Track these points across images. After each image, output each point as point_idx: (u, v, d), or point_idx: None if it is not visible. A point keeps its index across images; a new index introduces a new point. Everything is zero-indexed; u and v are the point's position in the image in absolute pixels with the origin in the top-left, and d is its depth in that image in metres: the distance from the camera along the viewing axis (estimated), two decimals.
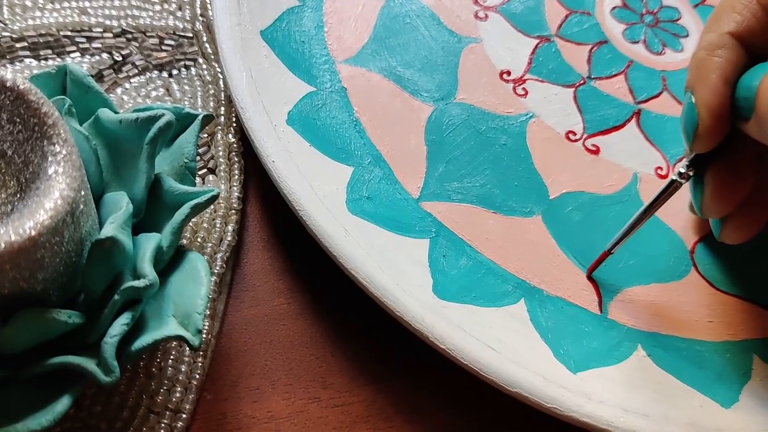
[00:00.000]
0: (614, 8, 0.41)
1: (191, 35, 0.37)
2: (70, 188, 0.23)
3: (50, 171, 0.23)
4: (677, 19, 0.41)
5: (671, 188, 0.29)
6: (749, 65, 0.27)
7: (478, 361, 0.27)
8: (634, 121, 0.37)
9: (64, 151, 0.23)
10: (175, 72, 0.35)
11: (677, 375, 0.29)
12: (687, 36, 0.41)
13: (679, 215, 0.34)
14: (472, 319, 0.29)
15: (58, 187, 0.23)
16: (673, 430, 0.27)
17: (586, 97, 0.37)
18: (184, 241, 0.31)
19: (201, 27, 0.37)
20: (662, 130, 0.37)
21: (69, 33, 0.35)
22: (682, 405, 0.28)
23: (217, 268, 0.30)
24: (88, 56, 0.35)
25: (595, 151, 0.35)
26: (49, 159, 0.23)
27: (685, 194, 0.34)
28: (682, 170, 0.28)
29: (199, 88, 0.35)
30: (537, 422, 0.28)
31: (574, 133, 0.36)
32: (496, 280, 0.31)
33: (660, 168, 0.35)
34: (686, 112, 0.27)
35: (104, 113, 0.28)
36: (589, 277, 0.31)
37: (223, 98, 0.35)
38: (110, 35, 0.35)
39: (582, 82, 0.38)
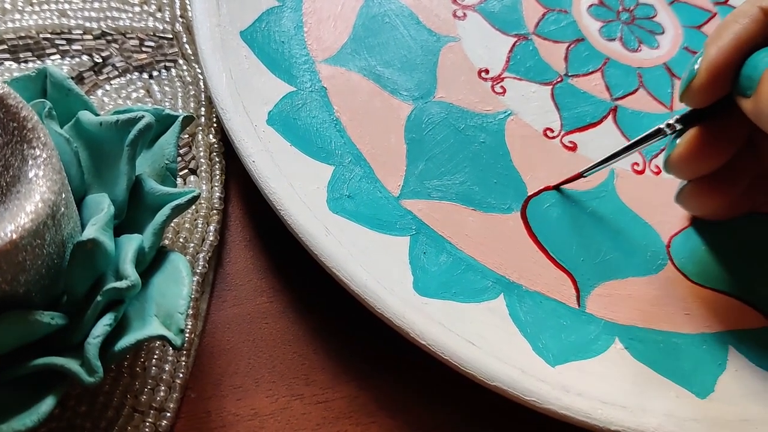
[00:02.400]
0: (591, 6, 0.41)
1: (171, 36, 0.37)
2: (51, 191, 0.23)
3: (30, 174, 0.23)
4: (653, 16, 0.42)
5: (655, 135, 0.29)
6: None
7: (459, 356, 0.28)
8: (610, 117, 0.37)
9: (44, 155, 0.23)
10: (155, 73, 0.36)
11: (654, 367, 0.30)
12: (663, 33, 0.41)
13: (655, 210, 0.34)
14: (453, 314, 0.29)
15: (38, 191, 0.23)
16: (649, 421, 0.28)
17: (564, 95, 0.37)
18: (166, 242, 0.31)
19: (181, 28, 0.37)
20: (639, 126, 0.37)
21: (49, 35, 0.35)
22: (658, 396, 0.29)
23: (200, 267, 0.31)
24: (68, 58, 0.35)
25: (573, 148, 0.36)
26: (30, 163, 0.23)
27: (662, 189, 0.35)
28: (671, 122, 0.29)
29: (179, 89, 0.35)
30: (517, 415, 0.29)
31: (552, 131, 0.36)
32: (476, 276, 0.31)
33: (636, 164, 0.36)
34: (691, 64, 0.28)
35: (84, 116, 0.28)
36: (557, 187, 0.34)
37: (203, 99, 0.35)
38: (90, 37, 0.36)
39: (559, 79, 0.38)
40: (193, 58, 0.36)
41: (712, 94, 0.27)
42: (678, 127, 0.29)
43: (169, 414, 0.27)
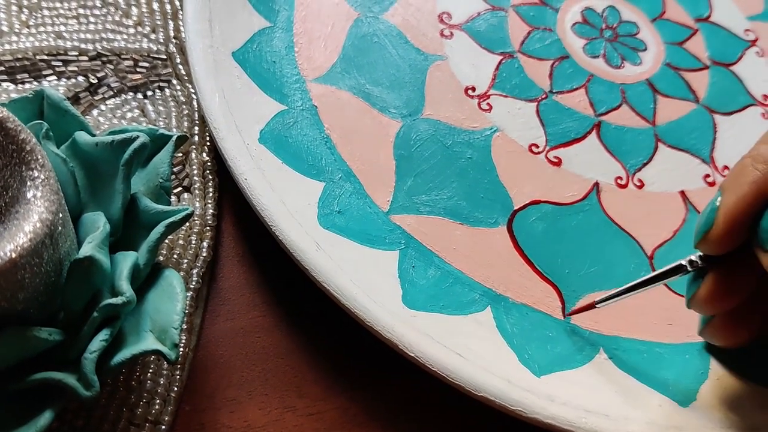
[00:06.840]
0: (575, 24, 0.42)
1: (165, 57, 0.37)
2: (49, 211, 0.24)
3: (29, 195, 0.24)
4: (636, 34, 0.43)
5: (677, 271, 0.29)
6: None
7: (447, 367, 0.28)
8: (594, 133, 0.38)
9: (42, 176, 0.24)
10: (149, 93, 0.36)
11: (637, 376, 0.31)
12: (645, 50, 0.42)
13: (638, 224, 0.35)
14: (441, 327, 0.30)
15: (36, 211, 0.23)
16: (632, 429, 0.28)
17: (549, 111, 0.38)
18: (161, 258, 0.31)
19: (174, 49, 0.38)
20: (622, 141, 0.38)
21: (45, 57, 0.36)
22: (641, 405, 0.29)
23: (193, 283, 0.31)
24: (64, 79, 0.36)
25: (558, 163, 0.37)
26: (28, 184, 0.24)
27: (645, 203, 0.36)
28: (694, 259, 0.28)
29: (173, 109, 0.36)
30: (504, 425, 0.29)
31: (537, 146, 0.37)
32: (464, 289, 0.32)
33: (620, 178, 0.37)
34: (707, 210, 0.27)
35: (81, 136, 0.28)
36: (570, 313, 0.32)
37: (197, 118, 0.36)
38: (86, 58, 0.36)
39: (544, 96, 0.39)
40: (186, 78, 0.37)
41: (729, 244, 0.26)
42: (700, 264, 0.28)
43: (164, 427, 0.28)
